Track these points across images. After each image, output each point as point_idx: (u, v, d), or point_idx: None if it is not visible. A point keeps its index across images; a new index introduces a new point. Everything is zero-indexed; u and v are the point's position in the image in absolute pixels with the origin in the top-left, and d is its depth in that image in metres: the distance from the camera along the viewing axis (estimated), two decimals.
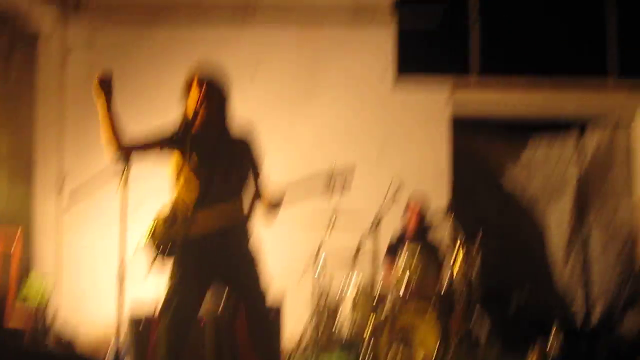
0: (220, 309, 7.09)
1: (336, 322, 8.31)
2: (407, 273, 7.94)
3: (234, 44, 10.32)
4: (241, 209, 5.52)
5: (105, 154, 5.32)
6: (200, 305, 5.53)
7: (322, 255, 8.33)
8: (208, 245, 5.35)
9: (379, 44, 10.47)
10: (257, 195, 5.58)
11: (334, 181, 5.48)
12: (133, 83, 10.09)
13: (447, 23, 10.66)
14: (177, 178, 5.45)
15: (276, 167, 9.41)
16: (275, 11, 10.47)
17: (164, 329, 5.28)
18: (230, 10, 10.43)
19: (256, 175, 5.65)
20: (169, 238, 5.33)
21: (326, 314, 8.40)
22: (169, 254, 5.36)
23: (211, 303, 7.33)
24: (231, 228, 5.42)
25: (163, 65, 10.08)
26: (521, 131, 11.11)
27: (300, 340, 8.37)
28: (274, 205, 5.45)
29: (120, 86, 9.87)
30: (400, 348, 7.41)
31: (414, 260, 7.99)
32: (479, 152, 11.07)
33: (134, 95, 10.03)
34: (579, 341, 6.57)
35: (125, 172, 5.05)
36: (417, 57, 10.54)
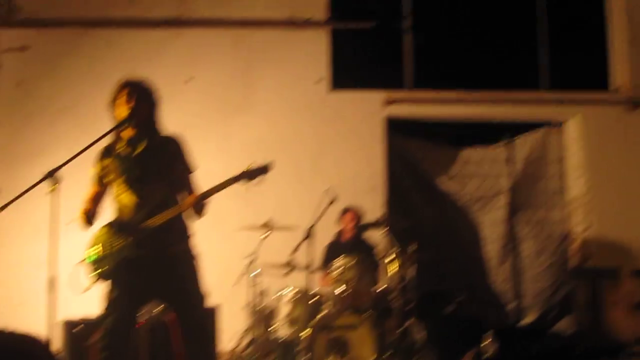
0: (155, 313, 7.10)
1: (274, 325, 8.29)
2: (342, 283, 7.97)
3: (168, 51, 10.31)
4: (173, 207, 5.54)
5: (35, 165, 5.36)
6: (136, 315, 5.62)
7: (256, 262, 8.33)
8: (146, 255, 5.40)
9: (314, 54, 10.51)
10: (190, 193, 5.62)
11: (252, 176, 5.50)
12: (67, 91, 10.07)
13: (380, 37, 10.76)
14: (116, 188, 5.56)
15: (210, 175, 9.51)
16: (210, 17, 10.45)
17: (103, 339, 5.38)
18: (165, 15, 10.37)
19: (187, 175, 5.71)
20: (109, 260, 5.44)
21: (263, 318, 8.39)
22: (108, 277, 5.47)
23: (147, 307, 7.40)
24: (166, 234, 5.46)
25: (98, 72, 10.03)
26: (455, 139, 11.24)
27: (236, 344, 8.34)
28: (196, 206, 5.46)
29: (54, 94, 9.91)
30: (336, 356, 7.43)
31: (349, 270, 8.03)
32: (414, 160, 11.11)
33: (68, 103, 10.03)
34: (514, 341, 6.65)
35: (55, 185, 5.06)
36: (351, 70, 10.60)
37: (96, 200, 5.69)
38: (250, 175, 5.54)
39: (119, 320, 5.38)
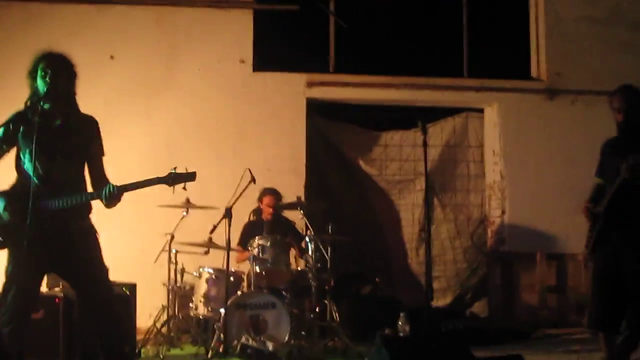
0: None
1: (192, 303, 8.34)
2: (259, 263, 8.06)
3: (90, 27, 10.20)
4: (83, 188, 5.57)
5: None
6: (36, 289, 5.63)
7: (175, 240, 8.36)
8: (46, 229, 5.37)
9: (238, 35, 10.50)
10: (99, 177, 5.62)
11: (178, 180, 5.52)
12: None
13: (304, 20, 10.76)
14: (22, 157, 5.50)
15: (134, 152, 9.50)
16: None
17: (4, 314, 5.37)
18: None
19: (99, 157, 5.70)
20: (1, 229, 5.42)
21: (181, 296, 8.45)
22: (1, 246, 5.47)
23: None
24: (70, 210, 5.45)
25: (20, 46, 9.89)
26: (376, 123, 11.39)
27: (155, 321, 8.39)
28: (114, 199, 5.40)
29: None
30: (252, 334, 7.49)
31: (266, 250, 8.12)
32: (335, 142, 11.23)
33: None
34: (429, 321, 6.78)
35: None
36: (274, 52, 10.59)
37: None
38: (175, 179, 5.51)
39: (19, 295, 5.37)
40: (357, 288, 9.69)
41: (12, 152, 5.59)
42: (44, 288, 7.58)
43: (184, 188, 5.58)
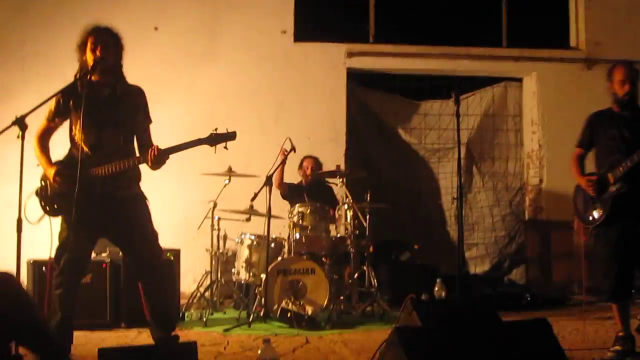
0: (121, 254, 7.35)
1: (234, 268, 8.58)
2: (299, 230, 8.26)
3: (133, 2, 10.37)
4: (132, 157, 5.75)
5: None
6: (88, 254, 5.96)
7: (218, 208, 8.53)
8: (97, 196, 5.62)
9: (279, 5, 10.61)
10: (147, 144, 5.78)
11: (219, 140, 5.70)
12: (35, 36, 10.13)
13: None
14: (74, 128, 5.74)
15: (177, 121, 9.69)
16: None
17: (57, 277, 5.69)
18: None
19: (147, 126, 5.93)
20: (56, 197, 5.70)
21: (223, 261, 8.65)
22: (55, 213, 5.75)
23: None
24: (119, 177, 5.68)
25: (66, 17, 10.08)
26: (415, 92, 11.48)
27: (198, 287, 8.63)
28: (158, 161, 5.60)
29: (23, 39, 9.97)
30: (292, 299, 7.67)
31: (307, 216, 8.31)
32: (374, 111, 11.33)
33: (37, 48, 10.10)
34: (466, 288, 6.90)
35: (24, 130, 5.20)
36: (315, 22, 10.73)
37: (48, 134, 5.88)
38: (217, 139, 5.71)
39: (72, 260, 5.65)
40: (395, 254, 9.82)
41: (66, 124, 5.85)
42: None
43: (225, 147, 5.76)
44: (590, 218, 6.40)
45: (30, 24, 10.14)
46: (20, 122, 5.13)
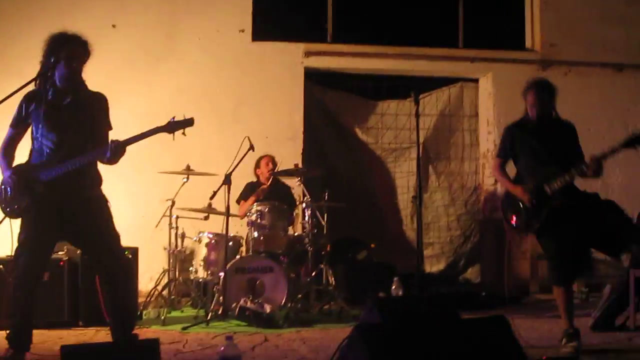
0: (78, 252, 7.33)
1: (192, 267, 8.60)
2: (257, 228, 8.28)
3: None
4: (89, 152, 5.74)
5: None
6: (47, 256, 5.92)
7: (176, 206, 8.51)
8: (56, 198, 5.64)
9: (238, 4, 10.61)
10: (105, 145, 5.71)
11: (176, 127, 5.72)
12: None
13: None
14: (35, 132, 5.75)
15: (136, 119, 9.64)
16: None
17: (15, 278, 5.73)
18: None
19: (106, 131, 5.92)
20: (15, 199, 5.68)
21: (181, 260, 8.65)
22: (16, 215, 5.76)
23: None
24: (79, 178, 5.69)
25: (25, 16, 10.02)
26: (373, 92, 11.55)
27: (155, 285, 8.60)
28: (117, 152, 5.59)
29: None
30: (250, 297, 7.66)
31: (264, 215, 8.33)
32: (332, 111, 11.39)
33: None
34: (422, 286, 6.95)
35: None
36: (273, 22, 10.77)
37: (13, 141, 5.89)
38: (174, 126, 5.71)
39: (30, 261, 5.66)
40: (352, 253, 9.85)
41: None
42: None
43: (184, 133, 5.74)
44: (525, 227, 6.66)
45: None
46: None
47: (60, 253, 7.66)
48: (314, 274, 8.43)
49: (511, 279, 10.48)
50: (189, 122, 5.75)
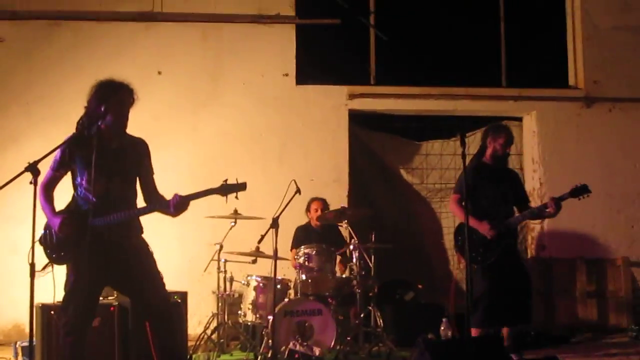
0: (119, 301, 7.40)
1: (241, 310, 8.61)
2: (305, 271, 8.33)
3: (138, 43, 10.50)
4: (136, 205, 5.92)
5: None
6: (95, 302, 5.96)
7: (224, 250, 8.55)
8: (103, 245, 5.70)
9: (281, 48, 10.72)
10: (153, 192, 5.95)
11: (229, 191, 5.82)
12: (41, 81, 10.22)
13: (346, 33, 10.98)
14: (79, 177, 5.83)
15: (180, 165, 9.78)
16: (180, 11, 10.60)
17: (65, 326, 5.77)
18: (136, 9, 10.51)
19: (151, 175, 6.04)
20: (61, 246, 5.77)
21: (230, 303, 8.67)
22: (61, 262, 5.83)
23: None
24: (125, 226, 5.80)
25: (70, 63, 10.22)
26: (417, 133, 11.56)
27: (204, 329, 8.63)
28: (181, 207, 5.72)
29: (28, 84, 10.06)
30: (299, 340, 7.67)
31: (313, 258, 8.38)
32: (377, 152, 11.41)
33: (41, 93, 10.19)
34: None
35: (36, 176, 5.28)
36: (317, 65, 10.86)
37: (53, 183, 5.94)
38: (228, 189, 5.82)
39: (80, 307, 5.72)
40: (400, 294, 9.82)
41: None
42: None
43: (236, 197, 5.86)
44: (479, 258, 7.47)
45: (35, 68, 10.26)
46: (33, 168, 5.22)
47: (110, 298, 7.73)
48: (362, 315, 8.40)
49: (560, 318, 10.43)
50: (241, 187, 5.88)
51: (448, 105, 11.13)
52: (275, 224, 7.80)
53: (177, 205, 5.67)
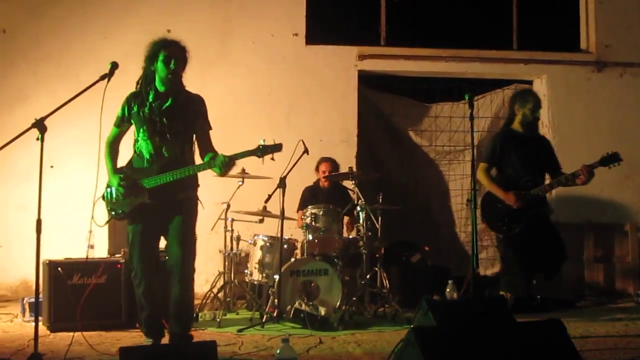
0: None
1: (247, 269, 8.66)
2: (311, 231, 8.33)
3: (147, 1, 10.44)
4: (191, 162, 6.13)
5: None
6: (156, 252, 6.24)
7: (231, 209, 8.58)
8: (157, 200, 5.96)
9: (291, 8, 10.66)
10: (208, 149, 6.10)
11: (266, 152, 5.95)
12: (49, 38, 10.18)
13: None
14: (137, 134, 6.08)
15: None
16: None
17: (134, 278, 6.16)
18: None
19: (207, 132, 6.21)
20: (122, 203, 6.04)
21: (236, 262, 8.68)
22: (121, 217, 6.15)
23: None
24: (178, 184, 5.97)
25: (79, 21, 10.16)
26: (426, 95, 11.51)
27: (211, 287, 8.68)
28: (226, 168, 5.90)
29: (37, 41, 10.01)
30: (305, 300, 7.71)
31: (320, 218, 8.39)
32: (385, 114, 11.38)
33: (49, 51, 10.16)
34: (477, 289, 6.97)
35: (43, 132, 5.30)
36: (326, 25, 10.80)
37: (117, 139, 6.23)
38: (265, 150, 6.08)
39: (143, 260, 6.06)
40: (406, 256, 9.84)
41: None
42: (105, 254, 8.01)
43: (272, 159, 6.16)
44: (505, 228, 7.45)
45: (43, 26, 10.22)
46: (40, 125, 5.24)
47: (117, 255, 7.78)
48: (368, 276, 8.41)
49: (566, 282, 10.42)
50: (277, 148, 6.15)
51: (458, 67, 11.07)
52: (282, 183, 7.83)
53: (223, 166, 5.85)
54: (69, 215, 9.21)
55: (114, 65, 5.73)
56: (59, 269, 7.27)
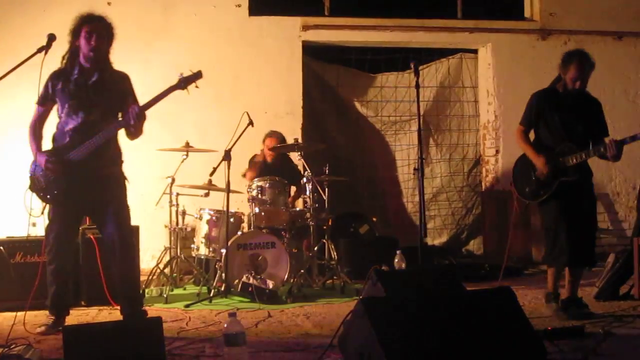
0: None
1: (194, 244, 8.56)
2: (258, 204, 8.23)
3: None
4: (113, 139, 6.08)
5: None
6: (75, 231, 6.41)
7: (176, 183, 8.48)
8: (80, 175, 5.86)
9: None
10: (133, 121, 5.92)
11: (188, 82, 5.88)
12: None
13: None
14: (60, 112, 5.99)
15: None
16: None
17: (49, 253, 6.07)
18: None
19: (133, 102, 6.09)
20: (52, 184, 5.92)
21: (182, 237, 8.65)
22: (56, 199, 5.98)
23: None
24: (101, 157, 5.92)
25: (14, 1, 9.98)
26: (371, 65, 11.46)
27: (157, 263, 8.57)
28: (139, 117, 5.85)
29: None
30: (252, 274, 7.60)
31: (265, 192, 8.29)
32: (331, 85, 11.33)
33: None
34: (425, 258, 6.87)
35: None
36: None
37: (41, 119, 6.10)
38: (186, 81, 6.05)
39: (59, 236, 5.99)
40: (354, 227, 9.84)
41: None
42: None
43: (197, 86, 6.12)
44: (532, 195, 6.74)
45: None
46: None
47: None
48: (316, 248, 8.38)
49: (514, 250, 10.47)
50: (197, 75, 6.10)
51: (403, 37, 11.02)
52: (227, 156, 7.75)
53: (134, 116, 5.79)
54: (10, 193, 9.03)
55: (51, 37, 5.61)
56: (1, 247, 7.13)
